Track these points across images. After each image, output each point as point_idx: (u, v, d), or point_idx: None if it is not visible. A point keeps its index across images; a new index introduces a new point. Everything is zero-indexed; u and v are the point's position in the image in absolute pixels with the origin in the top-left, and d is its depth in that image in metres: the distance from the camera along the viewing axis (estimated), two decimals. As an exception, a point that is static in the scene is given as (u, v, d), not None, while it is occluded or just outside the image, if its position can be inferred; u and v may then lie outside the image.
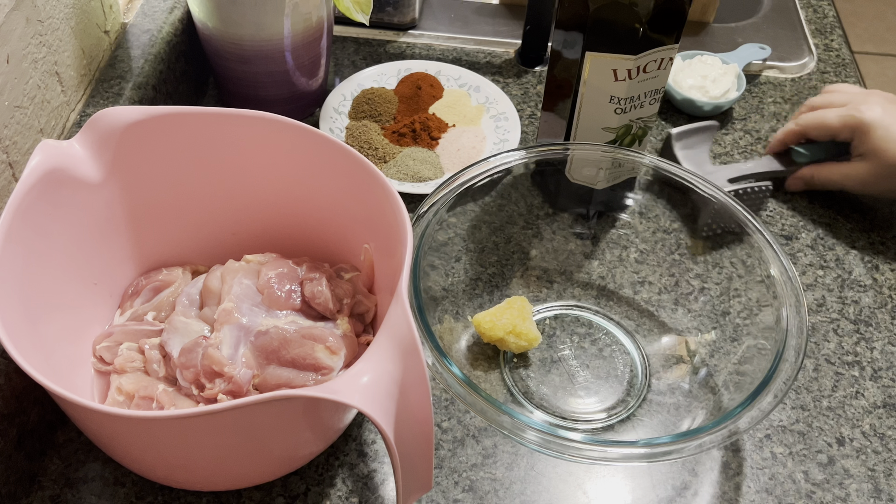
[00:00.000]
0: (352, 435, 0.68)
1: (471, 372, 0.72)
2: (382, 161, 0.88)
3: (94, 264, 0.66)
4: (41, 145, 0.60)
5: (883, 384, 0.74)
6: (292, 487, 0.65)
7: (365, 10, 0.82)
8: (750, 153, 0.93)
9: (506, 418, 0.59)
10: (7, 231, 0.56)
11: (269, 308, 0.65)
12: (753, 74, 1.01)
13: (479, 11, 1.07)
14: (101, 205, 0.65)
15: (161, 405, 0.61)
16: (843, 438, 0.70)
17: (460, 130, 0.92)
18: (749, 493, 0.67)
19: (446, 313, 0.73)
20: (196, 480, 0.61)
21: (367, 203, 0.64)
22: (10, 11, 0.64)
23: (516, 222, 0.80)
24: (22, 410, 0.62)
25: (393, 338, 0.52)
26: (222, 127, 0.66)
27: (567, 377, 0.73)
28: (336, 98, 0.92)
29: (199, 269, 0.72)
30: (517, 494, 0.65)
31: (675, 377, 0.73)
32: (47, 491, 0.64)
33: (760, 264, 0.69)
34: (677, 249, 0.77)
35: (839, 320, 0.78)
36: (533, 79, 0.99)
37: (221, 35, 0.83)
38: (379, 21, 1.03)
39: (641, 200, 0.78)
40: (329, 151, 0.65)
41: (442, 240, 0.73)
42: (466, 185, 0.72)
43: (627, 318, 0.77)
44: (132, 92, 0.80)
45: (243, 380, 0.61)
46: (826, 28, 1.09)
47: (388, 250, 0.63)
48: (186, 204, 0.70)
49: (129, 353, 0.65)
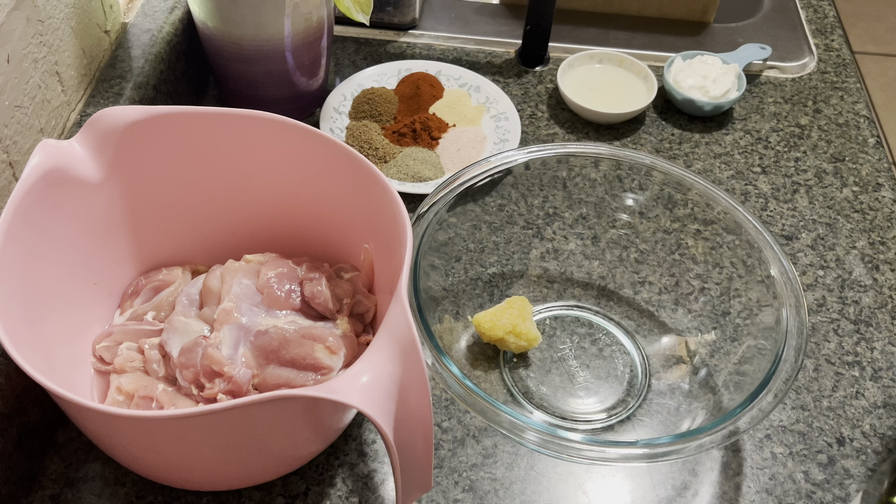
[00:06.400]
0: (352, 435, 0.68)
1: (471, 372, 0.72)
2: (383, 161, 0.88)
3: (94, 264, 0.66)
4: (41, 145, 0.60)
5: (883, 384, 0.74)
6: (292, 487, 0.65)
7: (365, 9, 0.82)
8: (750, 153, 0.93)
9: (505, 418, 0.59)
10: (7, 231, 0.56)
11: (268, 308, 0.65)
12: (754, 74, 1.01)
13: (480, 11, 1.07)
14: (101, 205, 0.65)
15: (161, 405, 0.61)
16: (843, 438, 0.70)
17: (460, 130, 0.92)
18: (749, 493, 0.67)
19: (446, 313, 0.73)
20: (196, 480, 0.61)
21: (367, 203, 0.64)
22: (10, 11, 0.64)
23: (516, 222, 0.80)
24: (22, 410, 0.62)
25: (392, 338, 0.52)
26: (222, 127, 0.66)
27: (567, 377, 0.73)
28: (336, 98, 0.92)
29: (199, 269, 0.72)
30: (517, 494, 0.65)
31: (675, 377, 0.73)
32: (47, 491, 0.64)
33: (760, 264, 0.69)
34: (677, 249, 0.77)
35: (839, 320, 0.78)
36: (533, 79, 0.99)
37: (222, 35, 0.83)
38: (379, 21, 1.03)
39: (641, 200, 0.78)
40: (329, 151, 0.65)
41: (442, 240, 0.73)
42: (466, 185, 0.72)
43: (627, 319, 0.77)
44: (132, 92, 0.80)
45: (243, 380, 0.61)
46: (826, 28, 1.09)
47: (388, 250, 0.63)
48: (186, 204, 0.70)
49: (129, 352, 0.65)
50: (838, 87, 1.01)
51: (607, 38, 1.04)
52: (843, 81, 1.01)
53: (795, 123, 0.96)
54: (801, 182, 0.90)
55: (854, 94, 1.00)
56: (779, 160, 0.92)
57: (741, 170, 0.91)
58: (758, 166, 0.91)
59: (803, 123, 0.96)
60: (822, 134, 0.95)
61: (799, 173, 0.91)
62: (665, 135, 0.94)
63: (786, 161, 0.92)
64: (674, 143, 0.93)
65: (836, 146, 0.94)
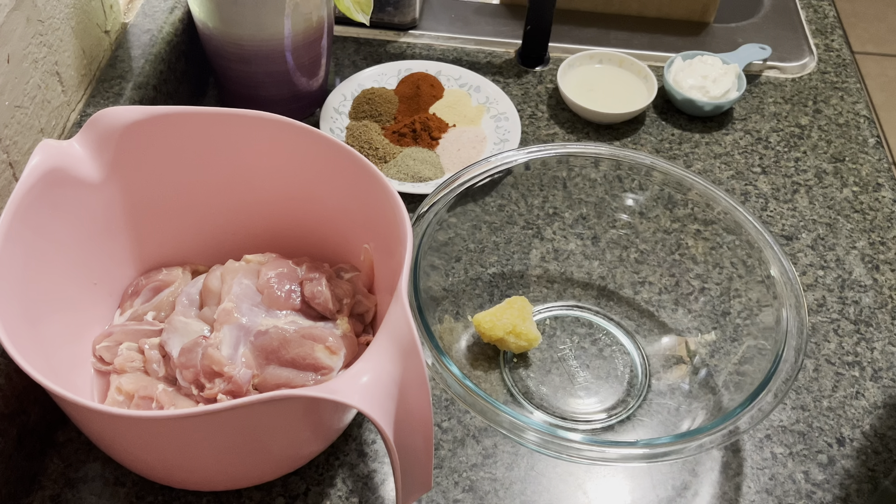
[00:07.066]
0: (352, 435, 0.68)
1: (471, 372, 0.72)
2: (383, 161, 0.88)
3: (94, 264, 0.66)
4: (41, 145, 0.60)
5: (883, 384, 0.74)
6: (292, 487, 0.65)
7: (365, 10, 0.82)
8: (750, 153, 0.93)
9: (505, 418, 0.59)
10: (7, 231, 0.56)
11: (268, 308, 0.65)
12: (754, 74, 1.01)
13: (480, 11, 1.07)
14: (101, 205, 0.65)
15: (161, 405, 0.61)
16: (843, 438, 0.70)
17: (460, 130, 0.92)
18: (749, 494, 0.67)
19: (446, 313, 0.73)
20: (196, 480, 0.61)
21: (367, 203, 0.64)
22: (10, 11, 0.64)
23: (516, 222, 0.80)
24: (22, 410, 0.62)
25: (393, 338, 0.51)
26: (222, 127, 0.66)
27: (567, 377, 0.73)
28: (336, 98, 0.92)
29: (199, 269, 0.72)
30: (517, 494, 0.65)
31: (675, 377, 0.72)
32: (47, 491, 0.64)
33: (760, 264, 0.69)
34: (677, 249, 0.77)
35: (839, 320, 0.78)
36: (533, 79, 0.99)
37: (222, 35, 0.83)
38: (379, 21, 1.03)
39: (641, 200, 0.78)
40: (329, 151, 0.65)
41: (442, 240, 0.73)
42: (466, 185, 0.72)
43: (627, 319, 0.77)
44: (132, 92, 0.80)
45: (243, 380, 0.61)
46: (826, 28, 1.09)
47: (388, 250, 0.63)
48: (186, 204, 0.70)
49: (129, 352, 0.65)
50: (838, 88, 1.01)
51: (607, 38, 1.04)
52: (843, 81, 1.01)
53: (795, 123, 0.96)
54: (801, 182, 0.90)
55: (854, 94, 1.00)
56: (779, 160, 0.92)
57: (741, 170, 0.91)
58: (758, 166, 0.91)
59: (803, 123, 0.96)
60: (822, 134, 0.95)
61: (799, 173, 0.91)
62: (665, 135, 0.94)
63: (786, 161, 0.92)
64: (674, 143, 0.93)
65: (836, 146, 0.94)
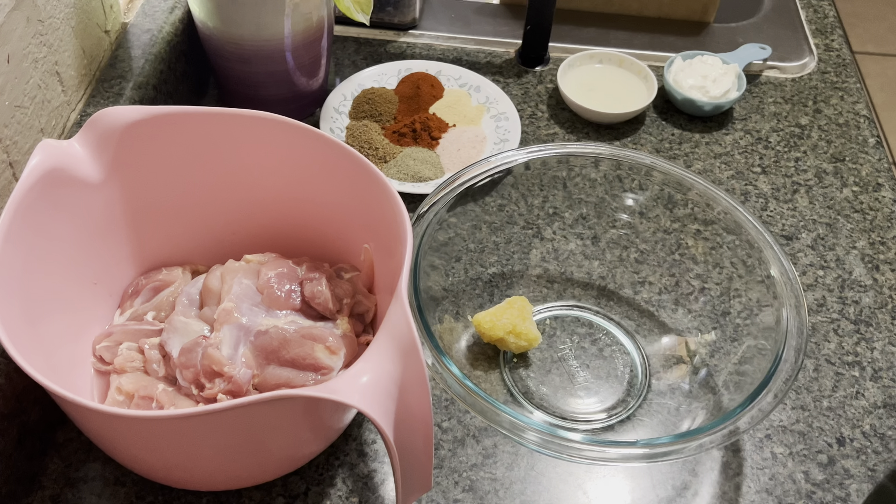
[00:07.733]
0: (352, 435, 0.68)
1: (471, 372, 0.72)
2: (383, 161, 0.88)
3: (94, 264, 0.66)
4: (41, 145, 0.60)
5: (883, 384, 0.74)
6: (292, 487, 0.65)
7: (365, 9, 0.82)
8: (750, 153, 0.93)
9: (505, 418, 0.59)
10: (7, 231, 0.56)
11: (268, 308, 0.65)
12: (754, 74, 1.01)
13: (480, 11, 1.07)
14: (101, 205, 0.65)
15: (161, 405, 0.61)
16: (843, 438, 0.70)
17: (460, 130, 0.92)
18: (749, 494, 0.67)
19: (446, 313, 0.73)
20: (196, 480, 0.61)
21: (367, 203, 0.64)
22: (10, 11, 0.64)
23: (516, 222, 0.80)
24: (22, 410, 0.62)
25: (393, 338, 0.51)
26: (222, 127, 0.66)
27: (567, 377, 0.73)
28: (336, 98, 0.92)
29: (199, 269, 0.72)
30: (517, 494, 0.65)
31: (675, 377, 0.73)
32: (47, 491, 0.64)
33: (760, 264, 0.69)
34: (677, 249, 0.77)
35: (839, 320, 0.78)
36: (533, 79, 0.99)
37: (222, 35, 0.83)
38: (379, 21, 1.03)
39: (641, 200, 0.78)
40: (329, 151, 0.65)
41: (442, 240, 0.73)
42: (466, 185, 0.72)
43: (627, 319, 0.77)
44: (133, 92, 0.80)
45: (243, 380, 0.61)
46: (826, 28, 1.09)
47: (388, 250, 0.63)
48: (186, 204, 0.70)
49: (129, 352, 0.65)
50: (838, 87, 1.01)
51: (607, 38, 1.04)
52: (843, 81, 1.01)
53: (795, 123, 0.96)
54: (801, 182, 0.90)
55: (854, 94, 1.00)
56: (779, 160, 0.92)
57: (741, 170, 0.91)
58: (758, 166, 0.91)
59: (803, 123, 0.96)
60: (822, 134, 0.95)
61: (799, 173, 0.91)
62: (665, 135, 0.94)
63: (786, 161, 0.92)
64: (674, 143, 0.93)
65: (836, 146, 0.94)
